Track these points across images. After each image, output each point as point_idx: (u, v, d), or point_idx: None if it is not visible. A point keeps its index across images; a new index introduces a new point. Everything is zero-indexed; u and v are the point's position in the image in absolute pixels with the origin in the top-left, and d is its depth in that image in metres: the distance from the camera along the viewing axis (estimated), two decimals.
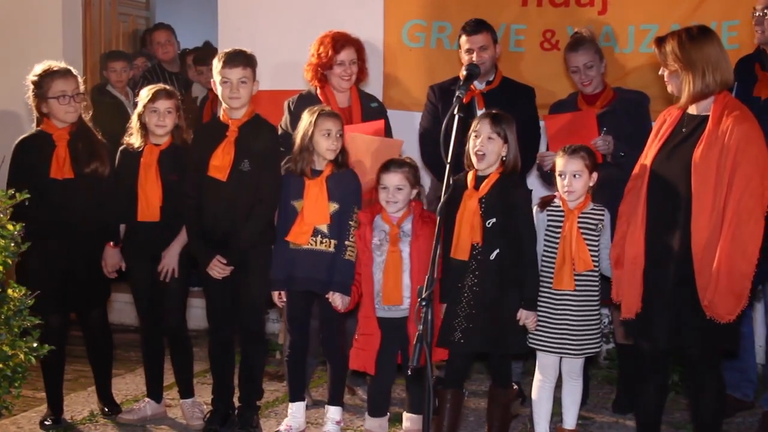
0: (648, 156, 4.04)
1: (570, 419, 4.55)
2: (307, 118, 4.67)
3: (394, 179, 4.48)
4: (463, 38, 5.25)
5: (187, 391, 5.08)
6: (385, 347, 4.51)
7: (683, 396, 5.27)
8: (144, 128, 4.91)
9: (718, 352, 4.11)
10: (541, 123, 5.41)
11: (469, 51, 5.21)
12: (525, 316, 4.35)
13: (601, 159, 4.85)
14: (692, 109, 3.99)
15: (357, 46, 5.19)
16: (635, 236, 4.00)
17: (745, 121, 3.84)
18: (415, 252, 4.43)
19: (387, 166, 4.53)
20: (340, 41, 5.12)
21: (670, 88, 4.03)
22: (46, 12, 7.35)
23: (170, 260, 4.88)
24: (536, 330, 4.39)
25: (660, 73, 4.07)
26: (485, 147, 4.34)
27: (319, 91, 5.19)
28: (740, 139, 3.79)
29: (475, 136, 4.35)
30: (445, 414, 4.42)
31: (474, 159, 4.36)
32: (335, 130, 4.62)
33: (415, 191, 4.53)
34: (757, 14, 4.94)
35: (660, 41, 4.01)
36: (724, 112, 3.87)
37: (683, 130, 3.99)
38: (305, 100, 5.12)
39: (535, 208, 4.46)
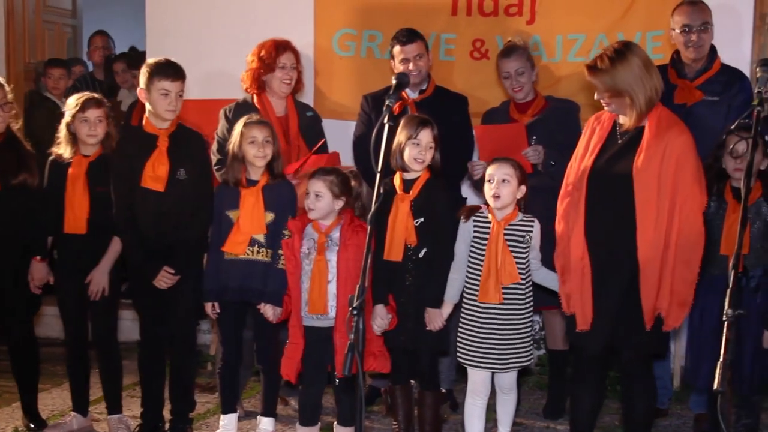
0: (584, 164, 4.05)
1: (504, 429, 4.58)
2: (236, 128, 4.68)
3: (313, 186, 4.46)
4: (397, 48, 5.24)
5: (114, 407, 4.99)
6: (312, 356, 4.49)
7: (613, 400, 5.33)
8: (73, 138, 4.83)
9: (651, 356, 4.18)
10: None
11: (405, 60, 5.21)
12: (429, 315, 4.36)
13: (531, 169, 4.88)
14: (624, 120, 4.04)
15: (296, 52, 5.21)
16: (578, 240, 4.01)
17: (683, 133, 3.92)
18: (342, 261, 4.40)
19: (314, 173, 4.52)
20: (282, 44, 5.14)
21: (608, 109, 4.06)
22: None
23: (101, 278, 4.81)
24: (463, 345, 4.39)
25: (596, 98, 4.08)
26: (426, 155, 4.38)
27: (255, 99, 5.16)
28: (681, 152, 3.87)
29: (416, 144, 4.36)
30: (398, 410, 4.60)
31: (415, 165, 4.38)
32: (261, 138, 4.61)
33: (341, 201, 4.49)
34: (697, 30, 4.97)
35: (590, 70, 3.99)
36: (661, 124, 3.93)
37: (618, 141, 4.02)
38: (242, 108, 5.09)
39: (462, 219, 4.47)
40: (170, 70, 4.66)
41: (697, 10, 5.01)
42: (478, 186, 5.08)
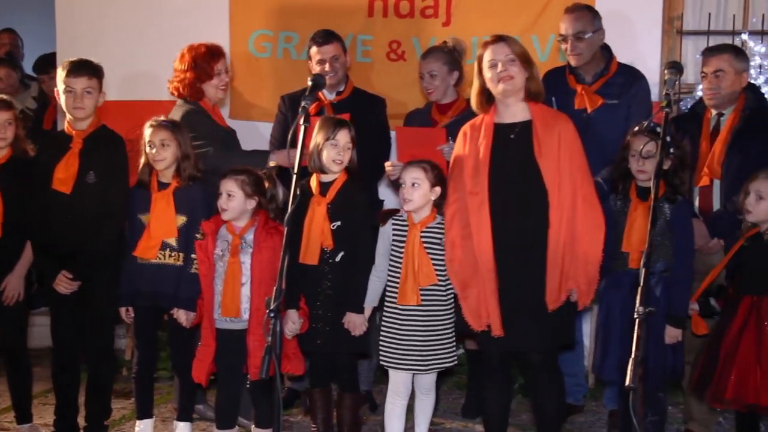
0: (478, 168, 4.10)
1: (421, 430, 4.59)
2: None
3: (225, 185, 4.43)
4: (314, 49, 5.23)
5: (24, 416, 4.89)
6: (226, 359, 4.45)
7: (530, 398, 5.40)
8: None
9: (558, 350, 4.27)
10: (392, 133, 5.47)
11: (322, 62, 5.20)
12: (350, 320, 4.34)
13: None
14: (506, 118, 4.14)
15: (225, 56, 5.13)
16: (487, 245, 4.04)
17: (569, 122, 4.16)
18: (256, 263, 4.37)
19: (226, 173, 4.48)
20: (215, 50, 5.05)
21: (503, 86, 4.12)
22: None
23: (16, 284, 4.73)
24: (384, 347, 4.40)
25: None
26: (344, 155, 4.37)
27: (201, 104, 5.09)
28: (573, 139, 4.08)
29: (334, 145, 4.35)
30: (317, 413, 4.57)
31: (333, 166, 4.36)
32: (158, 140, 4.56)
33: (253, 201, 4.45)
34: (570, 39, 5.02)
35: None
36: (546, 115, 4.13)
37: (511, 136, 4.11)
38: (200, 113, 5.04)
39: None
40: (72, 67, 4.60)
41: (572, 19, 5.07)
42: (395, 187, 5.09)
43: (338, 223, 4.34)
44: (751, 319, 4.20)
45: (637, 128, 4.39)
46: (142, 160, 4.64)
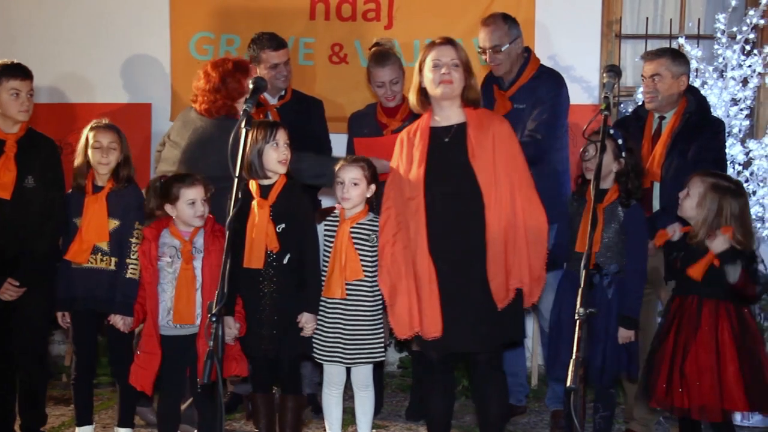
0: (413, 173, 4.12)
1: (363, 430, 4.59)
2: (84, 132, 4.59)
3: (195, 193, 4.35)
4: (269, 53, 5.22)
5: None
6: (172, 364, 4.40)
7: (473, 398, 5.42)
8: None
9: (504, 348, 4.30)
10: (334, 136, 5.47)
11: (275, 66, 5.21)
12: (306, 320, 4.33)
13: None
14: (442, 122, 4.16)
15: (252, 69, 4.94)
16: (424, 249, 4.05)
17: (503, 122, 4.21)
18: (207, 268, 4.33)
19: (183, 179, 4.40)
20: (244, 67, 4.81)
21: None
22: None
23: None
24: (314, 339, 4.41)
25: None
26: (288, 154, 4.35)
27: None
28: (508, 137, 4.12)
29: (276, 145, 4.32)
30: (260, 417, 4.55)
31: (279, 167, 4.31)
32: (106, 143, 4.52)
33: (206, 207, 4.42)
34: (489, 52, 5.03)
35: None
36: (480, 116, 4.15)
37: (446, 139, 4.14)
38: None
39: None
40: (18, 70, 4.54)
41: (488, 32, 5.08)
42: None
43: (283, 225, 4.33)
44: (675, 320, 4.27)
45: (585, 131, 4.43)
46: (78, 162, 4.58)
